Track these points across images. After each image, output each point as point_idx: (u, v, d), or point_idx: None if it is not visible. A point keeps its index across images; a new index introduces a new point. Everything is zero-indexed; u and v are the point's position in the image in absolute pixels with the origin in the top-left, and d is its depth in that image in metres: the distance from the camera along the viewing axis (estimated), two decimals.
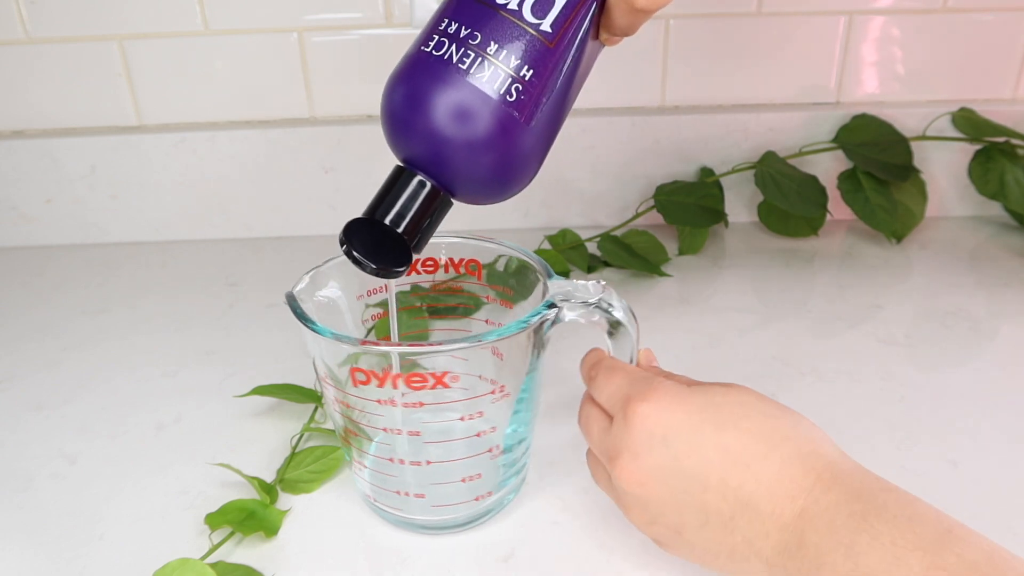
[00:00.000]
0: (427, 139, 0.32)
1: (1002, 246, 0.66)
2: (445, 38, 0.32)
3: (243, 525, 0.37)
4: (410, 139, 0.33)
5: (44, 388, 0.50)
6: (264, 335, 0.55)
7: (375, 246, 0.34)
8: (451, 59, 0.32)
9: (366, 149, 0.67)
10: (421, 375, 0.32)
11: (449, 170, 0.33)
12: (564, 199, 0.69)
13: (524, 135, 0.33)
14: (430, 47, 0.33)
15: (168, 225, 0.70)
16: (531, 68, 0.32)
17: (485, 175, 0.33)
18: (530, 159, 0.34)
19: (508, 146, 0.33)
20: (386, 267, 0.33)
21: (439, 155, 0.33)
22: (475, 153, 0.32)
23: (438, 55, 0.32)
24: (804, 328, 0.54)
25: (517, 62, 0.32)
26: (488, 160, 0.33)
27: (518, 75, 0.32)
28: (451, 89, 0.32)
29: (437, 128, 0.32)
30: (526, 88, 0.32)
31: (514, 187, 0.35)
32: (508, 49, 0.32)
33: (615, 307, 0.35)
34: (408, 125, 0.33)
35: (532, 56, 0.32)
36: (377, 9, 0.65)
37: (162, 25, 0.64)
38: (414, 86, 0.32)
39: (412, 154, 0.33)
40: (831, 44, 0.67)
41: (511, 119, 0.32)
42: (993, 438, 0.43)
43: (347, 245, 0.33)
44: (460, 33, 0.32)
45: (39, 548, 0.38)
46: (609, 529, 0.38)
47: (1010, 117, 0.68)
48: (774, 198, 0.63)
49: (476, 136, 0.32)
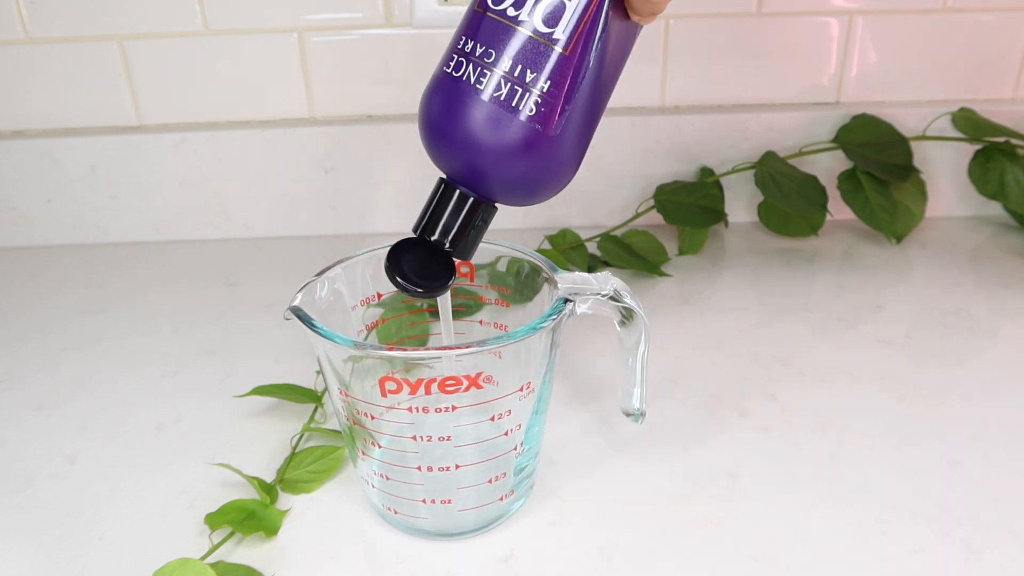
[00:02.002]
0: (459, 158, 0.33)
1: (1002, 246, 0.66)
2: (463, 58, 0.33)
3: (243, 525, 0.37)
4: (444, 157, 0.34)
5: (44, 388, 0.50)
6: (264, 335, 0.55)
7: (421, 265, 0.34)
8: (469, 80, 0.32)
9: (366, 149, 0.67)
10: (455, 378, 0.32)
11: (485, 184, 0.34)
12: (564, 199, 0.69)
13: (552, 145, 0.33)
14: (450, 67, 0.33)
15: (168, 225, 0.70)
16: (548, 79, 0.32)
17: (521, 185, 0.34)
18: (564, 164, 0.34)
19: (537, 158, 0.33)
20: (429, 287, 0.34)
21: (473, 172, 0.33)
22: (506, 168, 0.33)
23: (457, 76, 0.33)
24: (804, 328, 0.54)
25: (534, 76, 0.32)
26: (520, 172, 0.33)
27: (537, 89, 0.32)
28: (473, 111, 0.32)
29: (466, 148, 0.33)
30: (546, 100, 0.32)
31: (554, 190, 0.35)
32: (524, 64, 0.32)
33: (626, 296, 0.35)
34: (441, 145, 0.34)
35: (548, 67, 0.32)
36: (377, 9, 0.65)
37: (162, 25, 0.64)
38: (441, 108, 0.33)
39: (449, 170, 0.34)
40: (831, 44, 0.67)
41: (535, 133, 0.32)
42: (993, 438, 0.43)
43: (393, 272, 0.34)
44: (476, 52, 0.32)
45: (39, 548, 0.38)
46: (609, 529, 0.38)
47: (1010, 117, 0.68)
48: (774, 198, 0.63)
49: (503, 152, 0.33)
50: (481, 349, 0.32)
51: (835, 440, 0.43)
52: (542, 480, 0.41)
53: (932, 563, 0.35)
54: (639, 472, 0.41)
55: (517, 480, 0.37)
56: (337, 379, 0.35)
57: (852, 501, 0.39)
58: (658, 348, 0.52)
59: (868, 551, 0.36)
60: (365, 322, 0.40)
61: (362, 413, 0.35)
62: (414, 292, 0.34)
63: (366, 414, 0.35)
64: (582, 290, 0.35)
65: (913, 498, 0.39)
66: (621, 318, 0.36)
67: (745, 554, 0.36)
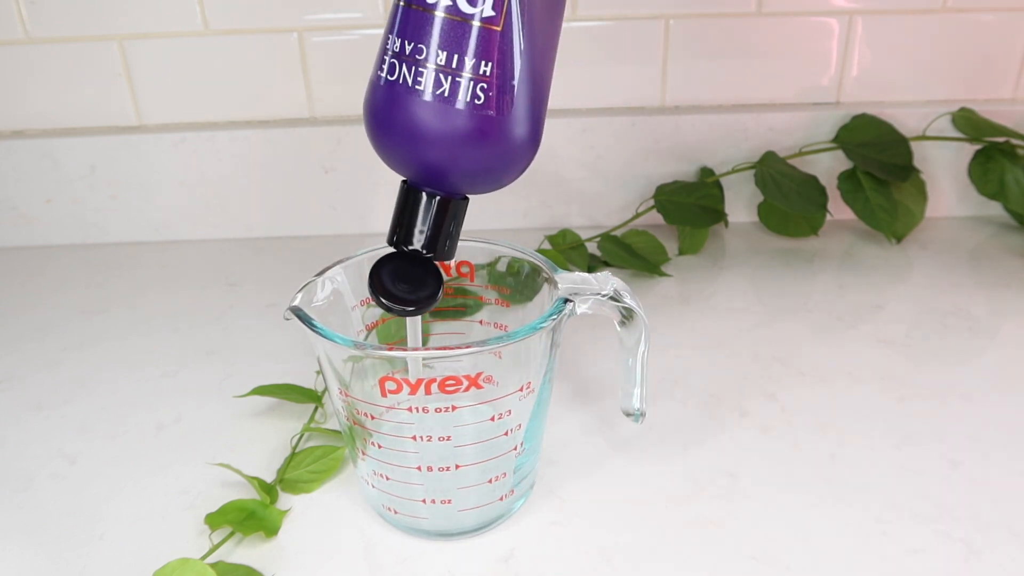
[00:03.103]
0: (417, 161, 0.32)
1: (1002, 246, 0.66)
2: (395, 59, 0.31)
3: (243, 525, 0.37)
4: (402, 163, 0.32)
5: (44, 388, 0.50)
6: (264, 335, 0.55)
7: (407, 280, 0.33)
8: (406, 82, 0.30)
9: (366, 149, 0.67)
10: (455, 378, 0.32)
11: (450, 180, 0.32)
12: (564, 199, 0.69)
13: (507, 124, 0.31)
14: (384, 72, 0.31)
15: (168, 225, 0.70)
16: (488, 61, 0.30)
17: (485, 173, 0.33)
18: (523, 142, 0.33)
19: (495, 144, 0.32)
20: (418, 302, 0.33)
21: (434, 171, 0.32)
22: (467, 160, 0.32)
23: (392, 80, 0.31)
24: (804, 328, 0.54)
25: (472, 61, 0.30)
26: (481, 161, 0.32)
27: (478, 74, 0.30)
28: (418, 113, 0.30)
29: (422, 150, 0.31)
30: (491, 83, 0.30)
31: (519, 170, 0.34)
32: (458, 52, 0.30)
33: (626, 296, 0.35)
34: (395, 151, 0.32)
35: (485, 49, 0.30)
36: (377, 9, 0.65)
37: (162, 25, 0.64)
38: (387, 116, 0.31)
39: (410, 174, 0.33)
40: (831, 44, 0.67)
41: (487, 119, 0.31)
42: (993, 438, 0.43)
43: (379, 295, 0.33)
44: (406, 50, 0.30)
45: (39, 548, 0.38)
46: (609, 529, 0.38)
47: (1010, 117, 0.68)
48: (774, 198, 0.63)
49: (460, 146, 0.31)
50: (481, 349, 0.32)
51: (835, 440, 0.43)
52: (542, 480, 0.41)
53: (932, 563, 0.35)
54: (639, 472, 0.41)
55: (517, 480, 0.37)
56: (337, 379, 0.35)
57: (852, 501, 0.39)
58: (658, 348, 0.52)
59: (868, 551, 0.36)
60: (365, 322, 0.40)
61: (362, 413, 0.35)
62: (404, 312, 0.33)
63: (366, 414, 0.35)
64: (582, 290, 0.35)
65: (913, 498, 0.39)
66: (621, 318, 0.36)
67: (745, 554, 0.36)
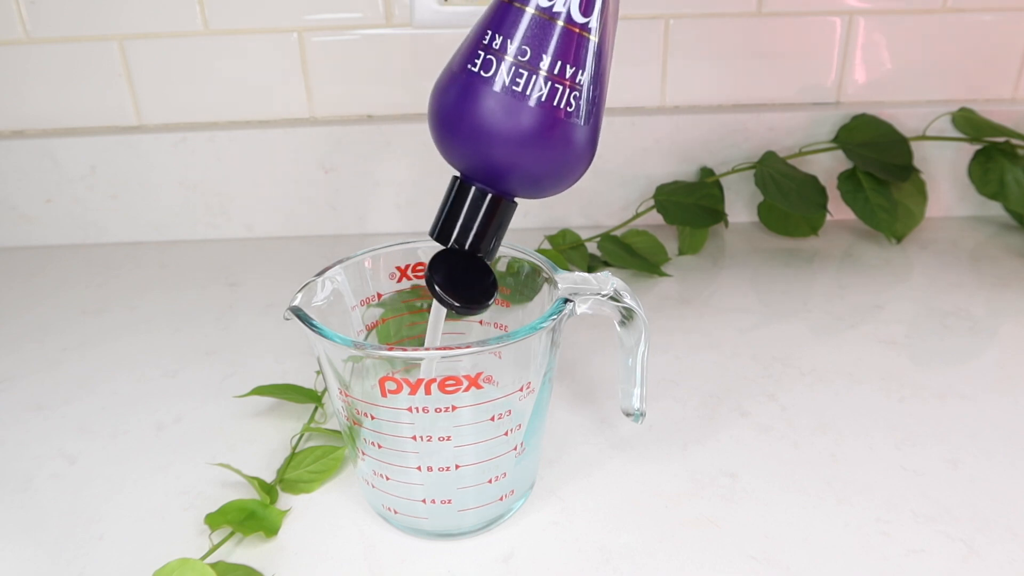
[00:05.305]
0: (495, 162, 0.32)
1: (1002, 246, 0.66)
2: (492, 56, 0.30)
3: (243, 525, 0.37)
4: (477, 163, 0.32)
5: (44, 388, 0.50)
6: (264, 335, 0.55)
7: (466, 280, 0.33)
8: (504, 82, 0.30)
9: (366, 149, 0.67)
10: (455, 378, 0.32)
11: (519, 184, 0.33)
12: (564, 199, 0.69)
13: (585, 134, 0.32)
14: (477, 66, 0.30)
15: (168, 225, 0.70)
16: (582, 71, 0.30)
17: (554, 179, 0.33)
18: (592, 148, 0.33)
19: (573, 150, 0.32)
20: (472, 305, 0.33)
21: (510, 175, 0.32)
22: (543, 166, 0.32)
23: (487, 76, 0.30)
24: (804, 328, 0.54)
25: (573, 70, 0.30)
26: (558, 166, 0.32)
27: (575, 83, 0.30)
28: (510, 116, 0.30)
29: (507, 150, 0.31)
30: (583, 92, 0.31)
31: (580, 175, 0.34)
32: (562, 59, 0.30)
33: (626, 296, 0.35)
34: (474, 151, 0.32)
35: (584, 58, 0.30)
36: (377, 9, 0.65)
37: (162, 25, 0.64)
38: (470, 112, 0.31)
39: (481, 175, 0.32)
40: (831, 44, 0.67)
41: (573, 128, 0.31)
42: (993, 438, 0.43)
43: (435, 285, 0.32)
44: (507, 48, 0.30)
45: (39, 548, 0.38)
46: (609, 529, 0.38)
47: (1010, 117, 0.68)
48: (774, 198, 0.63)
49: (543, 151, 0.31)
50: (481, 349, 0.32)
51: (835, 440, 0.43)
52: (542, 480, 0.41)
53: (932, 563, 0.35)
54: (639, 472, 0.41)
55: (517, 480, 0.37)
56: (337, 379, 0.35)
57: (852, 501, 0.39)
58: (658, 348, 0.52)
59: (868, 551, 0.36)
60: (365, 322, 0.40)
61: (362, 413, 0.35)
62: (457, 309, 0.33)
63: (366, 414, 0.35)
64: (582, 290, 0.35)
65: (913, 498, 0.39)
66: (621, 318, 0.36)
67: (745, 554, 0.36)
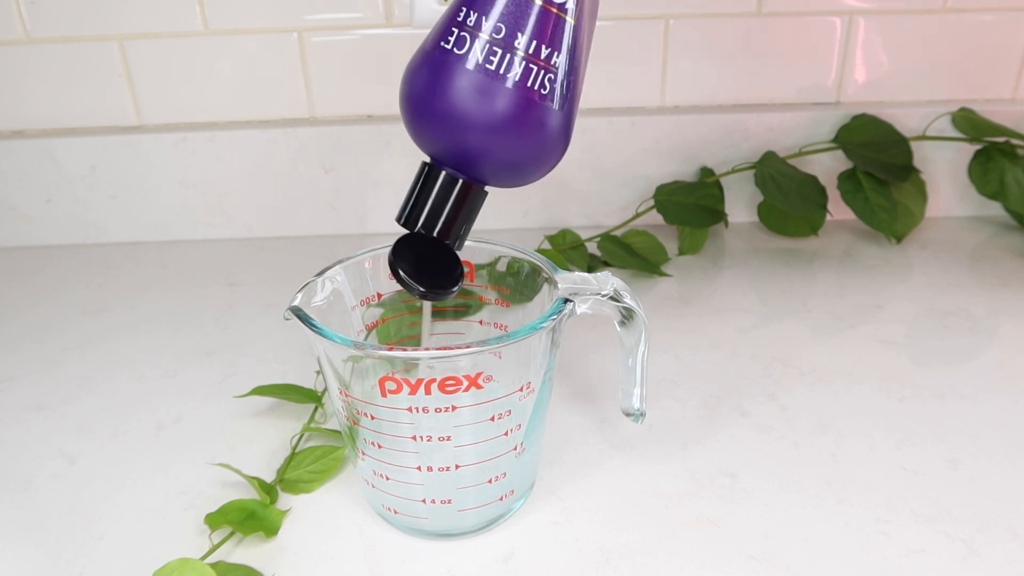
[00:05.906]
0: (464, 144, 0.31)
1: (1002, 246, 0.66)
2: (466, 33, 0.29)
3: (243, 525, 0.37)
4: (447, 146, 0.32)
5: (44, 388, 0.50)
6: (264, 335, 0.55)
7: (430, 264, 0.33)
8: (477, 59, 0.29)
9: (366, 149, 0.67)
10: (455, 378, 0.32)
11: (489, 169, 0.32)
12: (564, 199, 0.69)
13: (559, 120, 0.31)
14: (451, 43, 0.30)
15: (168, 225, 0.70)
16: (558, 52, 0.30)
17: (524, 166, 0.32)
18: (565, 138, 0.33)
19: (547, 135, 0.31)
20: (436, 289, 0.33)
21: (480, 158, 0.31)
22: (515, 150, 0.31)
23: (460, 53, 0.29)
24: (804, 328, 0.54)
25: (548, 51, 0.29)
26: (530, 152, 0.32)
27: (550, 64, 0.30)
28: (483, 95, 0.30)
29: (474, 135, 0.30)
30: (557, 76, 0.30)
31: (552, 164, 0.33)
32: (538, 39, 0.29)
33: (626, 296, 0.35)
34: (444, 132, 0.31)
35: (560, 40, 0.30)
36: (377, 9, 0.65)
37: (162, 25, 0.64)
38: (442, 89, 0.30)
39: (450, 158, 0.32)
40: (831, 44, 0.67)
41: (547, 111, 0.31)
42: (993, 438, 0.43)
43: (398, 269, 0.32)
44: (482, 25, 0.29)
45: (39, 548, 0.38)
46: (609, 529, 0.38)
47: (1010, 117, 0.68)
48: (774, 198, 0.63)
49: (514, 135, 0.31)
50: (481, 349, 0.32)
51: (835, 440, 0.43)
52: (542, 480, 0.41)
53: (932, 563, 0.35)
54: (639, 472, 0.41)
55: (517, 480, 0.38)
56: (337, 379, 0.35)
57: (852, 501, 0.39)
58: (658, 348, 0.52)
59: (868, 551, 0.36)
60: (365, 322, 0.40)
61: (362, 413, 0.35)
62: (421, 294, 0.33)
63: (366, 414, 0.35)
64: (582, 290, 0.35)
65: (913, 498, 0.39)
66: (621, 318, 0.36)
67: (745, 554, 0.36)
